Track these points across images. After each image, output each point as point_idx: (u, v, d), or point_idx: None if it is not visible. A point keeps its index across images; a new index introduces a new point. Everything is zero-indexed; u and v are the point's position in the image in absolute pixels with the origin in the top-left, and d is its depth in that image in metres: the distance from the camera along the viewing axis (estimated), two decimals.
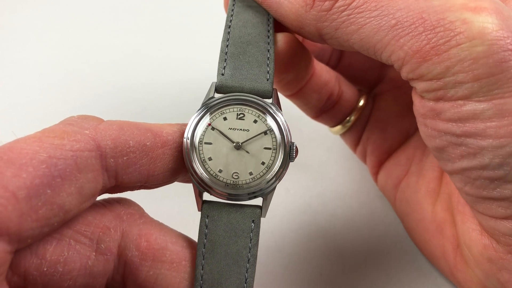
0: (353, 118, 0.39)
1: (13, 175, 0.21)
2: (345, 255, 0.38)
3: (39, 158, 0.22)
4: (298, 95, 0.37)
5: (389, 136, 0.38)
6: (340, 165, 0.44)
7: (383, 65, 0.39)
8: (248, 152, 0.27)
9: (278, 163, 0.28)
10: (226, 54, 0.30)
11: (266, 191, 0.28)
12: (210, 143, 0.27)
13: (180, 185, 0.30)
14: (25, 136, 0.23)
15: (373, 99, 0.40)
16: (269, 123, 0.28)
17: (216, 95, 0.29)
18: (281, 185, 0.42)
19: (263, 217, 0.28)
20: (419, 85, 0.27)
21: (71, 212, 0.23)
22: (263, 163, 0.27)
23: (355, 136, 0.40)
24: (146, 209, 0.28)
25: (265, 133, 0.28)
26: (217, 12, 0.34)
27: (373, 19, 0.26)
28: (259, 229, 0.27)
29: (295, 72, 0.34)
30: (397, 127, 0.38)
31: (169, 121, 0.28)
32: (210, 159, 0.27)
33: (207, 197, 0.28)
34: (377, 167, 0.39)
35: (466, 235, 0.30)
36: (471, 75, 0.24)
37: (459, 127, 0.26)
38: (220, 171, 0.27)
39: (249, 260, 0.27)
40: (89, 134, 0.24)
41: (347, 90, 0.39)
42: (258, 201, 0.28)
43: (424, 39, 0.25)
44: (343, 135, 0.41)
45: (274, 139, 0.28)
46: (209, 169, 0.27)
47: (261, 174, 0.27)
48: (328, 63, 0.40)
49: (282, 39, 0.31)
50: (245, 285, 0.26)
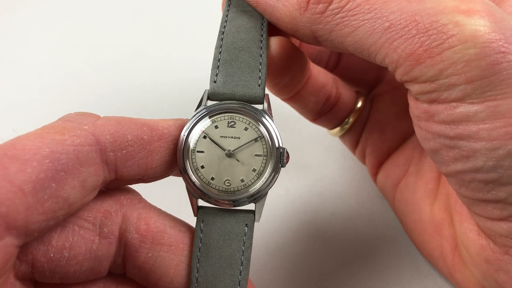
0: (351, 120, 0.39)
1: (18, 170, 0.22)
2: (345, 255, 0.38)
3: (42, 153, 0.23)
4: (295, 98, 0.37)
5: (388, 137, 0.38)
6: (339, 165, 0.44)
7: (381, 67, 0.39)
8: (239, 159, 0.28)
9: (269, 170, 0.28)
10: (219, 61, 0.30)
11: (257, 196, 0.28)
12: (202, 152, 0.28)
13: (178, 185, 0.30)
14: (26, 133, 0.24)
15: (371, 100, 0.40)
16: (259, 130, 0.28)
17: (208, 102, 0.29)
18: (281, 185, 0.42)
19: (257, 221, 0.29)
20: (413, 87, 0.27)
21: (75, 205, 0.24)
22: (254, 170, 0.28)
23: (354, 137, 0.40)
24: None
25: (255, 140, 0.28)
26: (217, 12, 0.34)
27: (366, 21, 0.26)
28: (253, 233, 0.28)
29: (291, 75, 0.34)
30: (396, 128, 0.38)
31: None
32: (202, 167, 0.28)
33: (202, 202, 0.29)
34: (376, 168, 0.39)
35: (463, 235, 0.30)
36: (464, 78, 0.24)
37: (453, 129, 0.26)
38: (212, 179, 0.28)
39: (242, 262, 0.27)
40: (88, 129, 0.25)
41: (345, 92, 0.39)
42: (251, 205, 0.29)
43: (417, 42, 0.25)
44: (342, 137, 0.41)
45: (264, 146, 0.28)
46: (201, 177, 0.28)
47: (252, 180, 0.28)
48: (326, 66, 0.40)
49: (275, 42, 0.32)
50: (239, 287, 0.27)
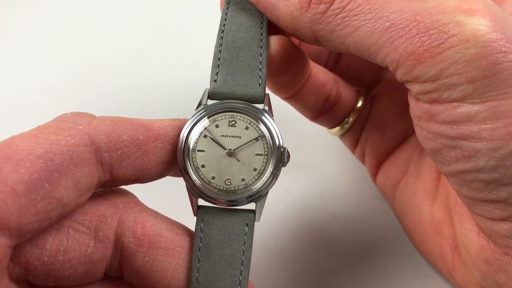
0: (351, 119, 0.39)
1: (11, 170, 0.22)
2: (345, 255, 0.38)
3: (35, 153, 0.22)
4: (295, 97, 0.37)
5: (387, 137, 0.38)
6: (339, 165, 0.44)
7: (381, 67, 0.39)
8: (240, 158, 0.28)
9: (270, 169, 0.28)
10: (219, 60, 0.30)
11: (258, 196, 0.28)
12: (203, 151, 0.28)
13: (178, 185, 0.30)
14: (20, 133, 0.24)
15: (371, 100, 0.40)
16: (260, 129, 0.28)
17: (209, 101, 0.29)
18: (281, 185, 0.42)
19: (257, 221, 0.29)
20: (414, 87, 0.27)
21: (69, 205, 0.24)
22: (255, 169, 0.28)
23: (354, 137, 0.40)
24: None
25: (256, 139, 0.28)
26: (217, 12, 0.34)
27: (367, 21, 0.26)
28: (253, 232, 0.28)
29: (290, 74, 0.34)
30: (395, 128, 0.38)
31: None
32: (203, 166, 0.28)
33: (202, 201, 0.28)
34: (376, 168, 0.39)
35: (463, 236, 0.30)
36: (465, 77, 0.24)
37: (454, 129, 0.26)
38: (213, 178, 0.28)
39: (243, 262, 0.27)
40: (83, 129, 0.25)
41: (345, 91, 0.39)
42: (251, 205, 0.29)
43: (418, 42, 0.25)
44: (342, 137, 0.41)
45: (265, 145, 0.28)
46: (202, 176, 0.28)
47: (253, 179, 0.28)
48: (325, 65, 0.40)
49: (275, 41, 0.31)
50: (239, 287, 0.27)
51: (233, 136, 0.28)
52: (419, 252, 0.37)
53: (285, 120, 0.45)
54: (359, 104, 0.39)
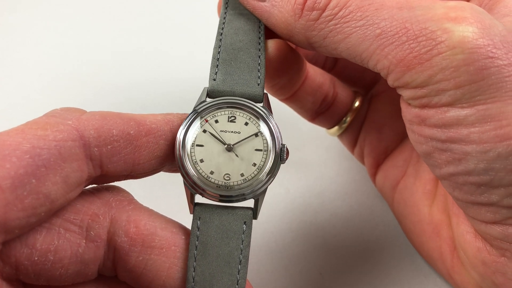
0: (349, 119, 0.40)
1: None
2: (345, 255, 0.38)
3: (22, 148, 0.22)
4: (292, 98, 0.37)
5: (385, 136, 0.38)
6: (339, 165, 0.44)
7: None
8: (239, 154, 0.28)
9: (269, 165, 0.28)
10: (218, 60, 0.30)
11: (257, 192, 0.28)
12: (201, 145, 0.28)
13: (178, 185, 0.30)
14: (7, 129, 0.24)
15: (369, 100, 0.40)
16: (260, 125, 0.28)
17: (207, 99, 0.29)
18: (281, 185, 0.42)
19: (255, 219, 0.28)
20: (404, 93, 0.27)
21: (57, 201, 0.23)
22: (254, 165, 0.28)
23: (352, 137, 0.40)
24: None
25: (256, 135, 0.28)
26: (217, 12, 0.34)
27: (358, 28, 0.27)
28: (251, 231, 0.27)
29: (287, 76, 0.34)
30: (393, 128, 0.38)
31: None
32: (201, 161, 0.28)
33: (199, 199, 0.28)
34: (375, 168, 0.39)
35: (461, 237, 0.30)
36: (453, 83, 0.25)
37: (444, 132, 0.26)
38: (211, 173, 0.28)
39: (240, 261, 0.27)
40: (72, 124, 0.24)
41: (342, 92, 0.39)
42: (250, 203, 0.28)
43: (407, 49, 0.25)
44: (340, 137, 0.41)
45: (265, 141, 0.28)
46: (200, 171, 0.28)
47: (252, 175, 0.28)
48: (323, 66, 0.40)
49: (273, 45, 0.32)
50: (237, 286, 0.26)
51: (232, 131, 0.28)
52: (418, 253, 0.37)
53: (285, 120, 0.45)
54: (356, 104, 0.40)
